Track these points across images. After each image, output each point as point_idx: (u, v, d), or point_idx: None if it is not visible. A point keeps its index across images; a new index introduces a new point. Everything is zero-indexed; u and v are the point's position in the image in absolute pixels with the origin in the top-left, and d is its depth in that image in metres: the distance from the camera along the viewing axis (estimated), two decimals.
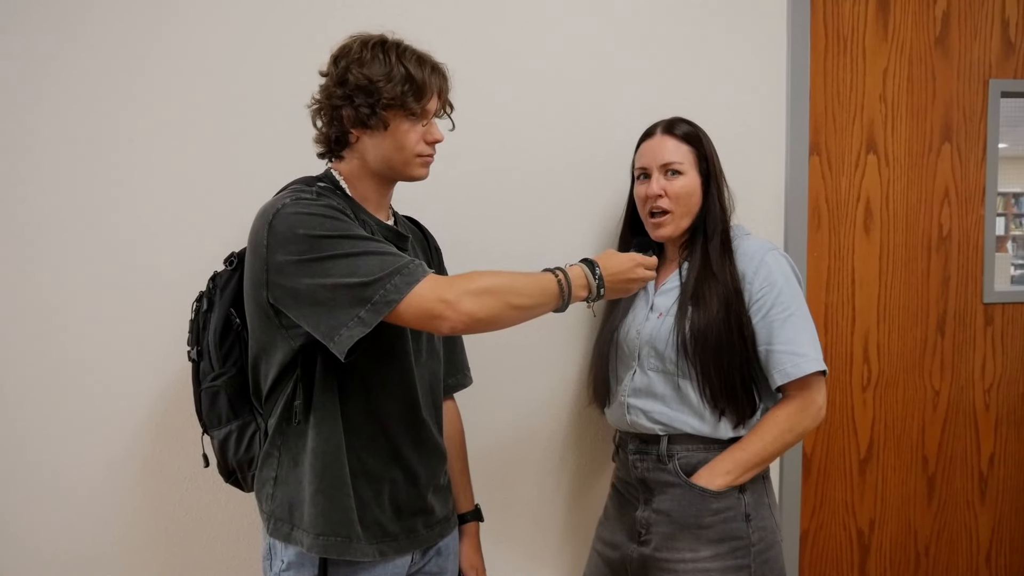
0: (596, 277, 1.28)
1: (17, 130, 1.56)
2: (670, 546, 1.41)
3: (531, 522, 1.79)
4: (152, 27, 1.58)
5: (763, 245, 1.45)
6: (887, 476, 2.00)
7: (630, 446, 1.49)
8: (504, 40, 1.71)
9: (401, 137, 1.24)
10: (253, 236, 1.21)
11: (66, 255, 1.58)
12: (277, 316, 1.20)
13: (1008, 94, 1.98)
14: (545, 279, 1.24)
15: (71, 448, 1.60)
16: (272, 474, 1.28)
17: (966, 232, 1.99)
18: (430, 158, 1.29)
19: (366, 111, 1.21)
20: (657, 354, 1.43)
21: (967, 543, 2.06)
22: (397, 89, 1.21)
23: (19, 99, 1.55)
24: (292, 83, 1.38)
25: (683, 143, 1.47)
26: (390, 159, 1.26)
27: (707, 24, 1.79)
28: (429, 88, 1.24)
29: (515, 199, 1.73)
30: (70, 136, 1.57)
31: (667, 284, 1.49)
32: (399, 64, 1.22)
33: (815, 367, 1.37)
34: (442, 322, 1.15)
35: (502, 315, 1.18)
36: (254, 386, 1.30)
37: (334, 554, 1.23)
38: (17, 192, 1.56)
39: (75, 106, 1.57)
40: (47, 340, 1.58)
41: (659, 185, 1.46)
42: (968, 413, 2.03)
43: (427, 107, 1.25)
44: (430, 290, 1.14)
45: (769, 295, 1.40)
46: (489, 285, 1.17)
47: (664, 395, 1.43)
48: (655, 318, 1.46)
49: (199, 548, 1.65)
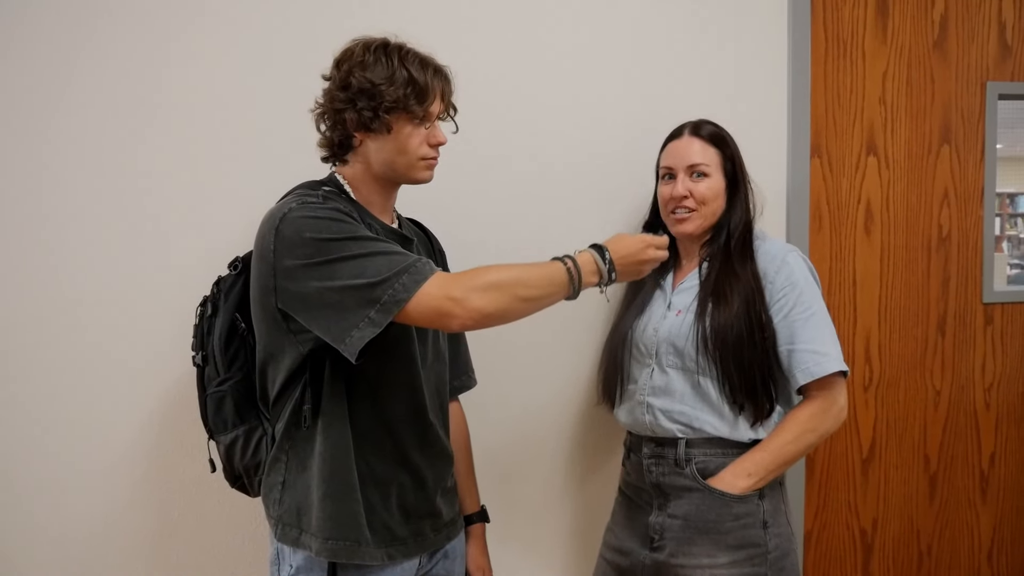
0: (606, 261, 1.26)
1: (34, 133, 1.55)
2: (687, 552, 1.40)
3: (537, 523, 1.79)
4: (164, 33, 1.58)
5: (784, 246, 1.47)
6: (889, 476, 2.02)
7: (644, 450, 1.48)
8: (509, 43, 1.71)
9: (404, 140, 1.24)
10: (259, 241, 1.20)
11: (72, 259, 1.58)
12: (286, 321, 1.20)
13: (1006, 96, 2.00)
14: (553, 268, 1.22)
15: (76, 452, 1.60)
16: (280, 479, 1.27)
17: (965, 233, 2.01)
18: (434, 160, 1.29)
19: (368, 114, 1.21)
20: (677, 351, 1.43)
21: (969, 541, 2.07)
22: (399, 92, 1.21)
23: (31, 103, 1.55)
24: (297, 87, 1.38)
25: (710, 145, 1.48)
26: (393, 162, 1.26)
27: (709, 28, 1.80)
28: (431, 90, 1.24)
29: (520, 201, 1.73)
30: (74, 142, 1.57)
31: (686, 283, 1.49)
32: (401, 67, 1.22)
33: (837, 366, 1.38)
34: (451, 320, 1.15)
35: (511, 308, 1.18)
36: (261, 391, 1.30)
37: (343, 558, 1.23)
38: (21, 198, 1.56)
39: (83, 112, 1.57)
40: (53, 344, 1.58)
41: (685, 187, 1.47)
42: (969, 412, 2.04)
43: (430, 109, 1.25)
44: (438, 288, 1.14)
45: (791, 295, 1.41)
46: (496, 279, 1.16)
47: (683, 393, 1.43)
48: (674, 316, 1.46)
49: (205, 554, 1.65)
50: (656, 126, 1.59)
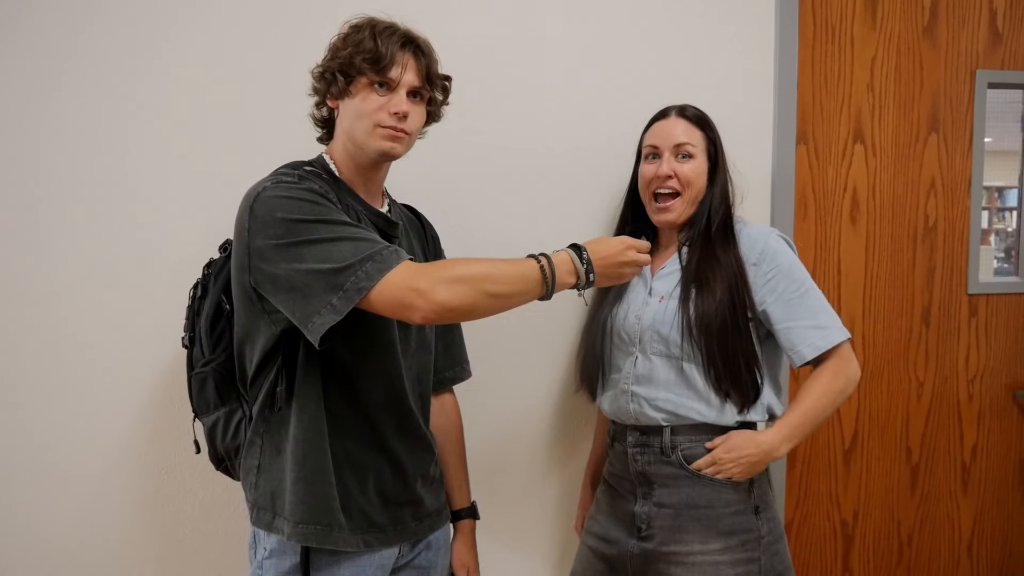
0: (584, 262, 1.24)
1: (23, 123, 1.53)
2: (678, 539, 1.39)
3: (518, 513, 1.78)
4: (157, 22, 1.56)
5: (765, 229, 1.47)
6: (871, 467, 2.01)
7: (629, 439, 1.46)
8: (499, 34, 1.69)
9: (361, 104, 1.23)
10: (237, 220, 1.20)
11: (67, 246, 1.55)
12: (260, 300, 1.20)
13: (995, 85, 1.98)
14: (526, 265, 1.20)
15: (69, 437, 1.58)
16: (255, 462, 1.27)
17: (952, 223, 1.99)
18: (393, 131, 1.23)
19: (331, 78, 1.23)
20: (661, 338, 1.42)
21: (949, 533, 2.07)
22: (359, 56, 1.21)
23: (24, 94, 1.53)
24: (293, 75, 1.39)
25: (696, 127, 1.48)
26: (352, 129, 1.24)
27: (694, 13, 1.77)
28: (388, 56, 1.22)
29: (513, 188, 1.72)
30: (73, 130, 1.54)
31: (666, 268, 1.48)
32: (369, 37, 1.22)
33: (841, 336, 1.40)
34: (413, 312, 1.12)
35: (478, 304, 1.15)
36: (240, 371, 1.29)
37: (314, 542, 1.22)
38: (19, 184, 1.54)
39: (79, 100, 1.54)
40: (48, 330, 1.56)
41: (670, 166, 1.45)
42: (952, 404, 2.04)
43: (390, 75, 1.22)
44: (403, 278, 1.11)
45: (779, 275, 1.40)
46: (464, 273, 1.14)
47: (668, 381, 1.41)
48: (656, 302, 1.44)
49: (192, 536, 1.63)
50: (642, 112, 1.57)
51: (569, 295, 1.30)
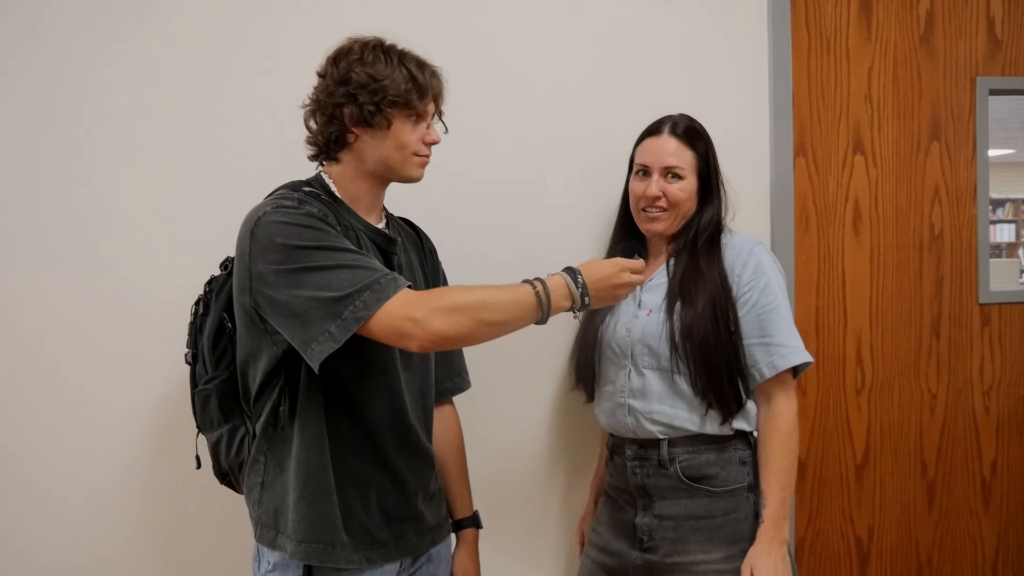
0: (579, 285, 1.25)
1: (13, 132, 1.58)
2: (680, 550, 1.39)
3: (520, 523, 1.76)
4: (160, 31, 1.61)
5: (751, 239, 1.47)
6: (885, 482, 1.96)
7: (627, 452, 1.46)
8: (493, 46, 1.72)
9: (403, 136, 1.25)
10: (238, 242, 1.22)
11: (66, 260, 1.59)
12: (262, 322, 1.21)
13: (996, 92, 1.96)
14: (521, 292, 1.21)
15: (70, 450, 1.61)
16: (259, 480, 1.28)
17: (959, 231, 1.96)
18: (427, 159, 1.30)
19: (371, 108, 1.22)
20: (651, 351, 1.42)
21: (972, 552, 2.00)
22: (402, 87, 1.23)
23: (19, 102, 1.58)
24: (290, 86, 1.38)
25: (687, 147, 1.47)
26: (388, 158, 1.26)
27: (687, 26, 1.79)
28: (430, 89, 1.27)
29: (509, 201, 1.74)
30: (69, 138, 1.59)
31: (654, 280, 1.48)
32: (401, 65, 1.24)
33: (800, 358, 1.39)
34: (410, 340, 1.14)
35: (474, 332, 1.18)
36: (243, 390, 1.30)
37: (316, 561, 1.23)
38: (15, 194, 1.58)
39: (80, 113, 1.59)
40: (50, 346, 1.59)
41: (658, 187, 1.46)
42: (968, 417, 1.98)
43: (427, 108, 1.27)
44: (399, 307, 1.13)
45: (757, 285, 1.41)
46: (460, 302, 1.16)
47: (661, 393, 1.42)
48: (645, 315, 1.45)
49: (195, 549, 1.65)
50: (637, 123, 1.57)
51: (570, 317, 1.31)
